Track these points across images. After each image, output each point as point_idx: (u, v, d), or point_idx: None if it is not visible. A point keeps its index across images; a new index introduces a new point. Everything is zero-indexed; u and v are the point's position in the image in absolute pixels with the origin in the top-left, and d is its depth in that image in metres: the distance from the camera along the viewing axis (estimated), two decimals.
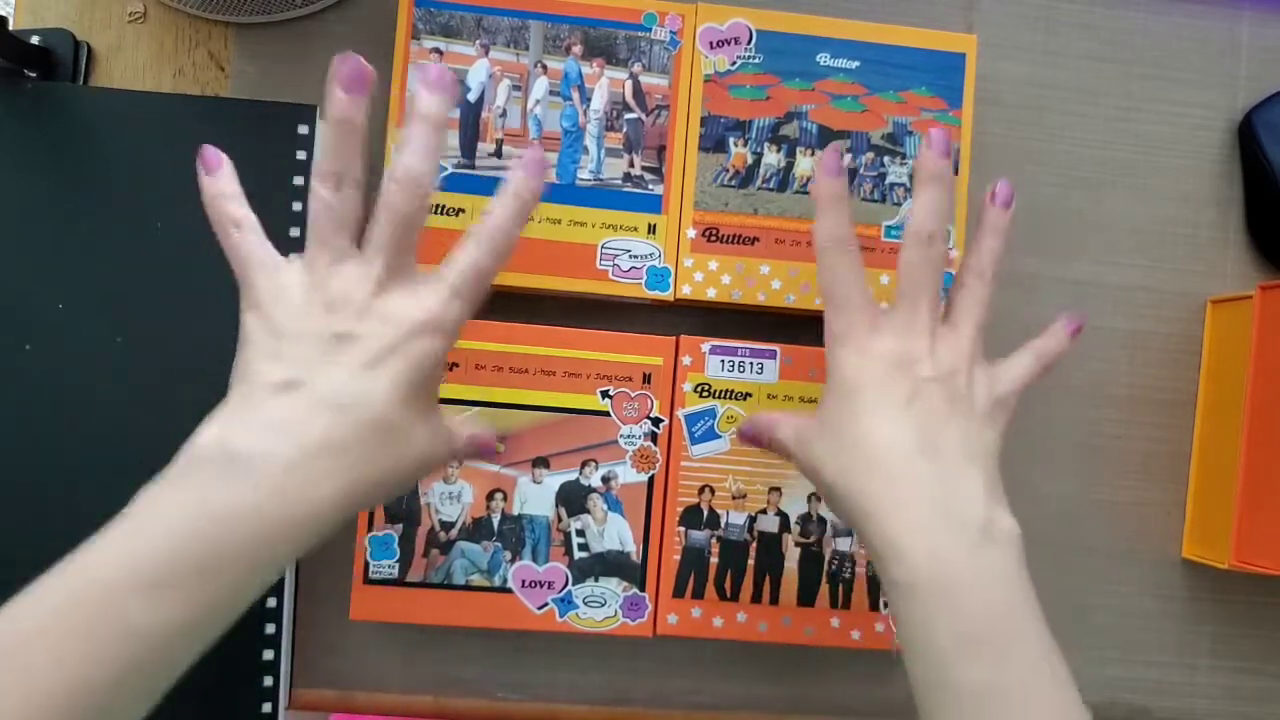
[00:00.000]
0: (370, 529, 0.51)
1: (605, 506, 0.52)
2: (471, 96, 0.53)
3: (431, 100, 0.39)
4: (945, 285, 0.44)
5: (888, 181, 0.54)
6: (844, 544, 0.53)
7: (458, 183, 0.52)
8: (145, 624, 0.32)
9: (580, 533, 0.52)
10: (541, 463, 0.51)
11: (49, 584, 0.33)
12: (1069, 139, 0.59)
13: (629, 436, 0.52)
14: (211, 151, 0.40)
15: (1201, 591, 0.58)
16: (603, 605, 0.52)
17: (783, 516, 0.52)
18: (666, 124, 0.53)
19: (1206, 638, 0.58)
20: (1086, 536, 0.58)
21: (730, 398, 0.52)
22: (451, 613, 0.51)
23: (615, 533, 0.52)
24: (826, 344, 0.43)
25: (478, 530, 0.51)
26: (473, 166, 0.52)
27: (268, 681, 0.51)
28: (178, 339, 0.51)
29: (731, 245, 0.53)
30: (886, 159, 0.54)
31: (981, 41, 0.55)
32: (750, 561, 0.52)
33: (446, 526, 0.51)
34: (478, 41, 0.53)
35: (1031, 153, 0.59)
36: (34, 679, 0.31)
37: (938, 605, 0.38)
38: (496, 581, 0.51)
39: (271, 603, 0.52)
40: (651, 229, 0.53)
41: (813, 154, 0.53)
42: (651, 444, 0.52)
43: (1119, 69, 0.59)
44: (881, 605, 0.53)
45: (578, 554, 0.52)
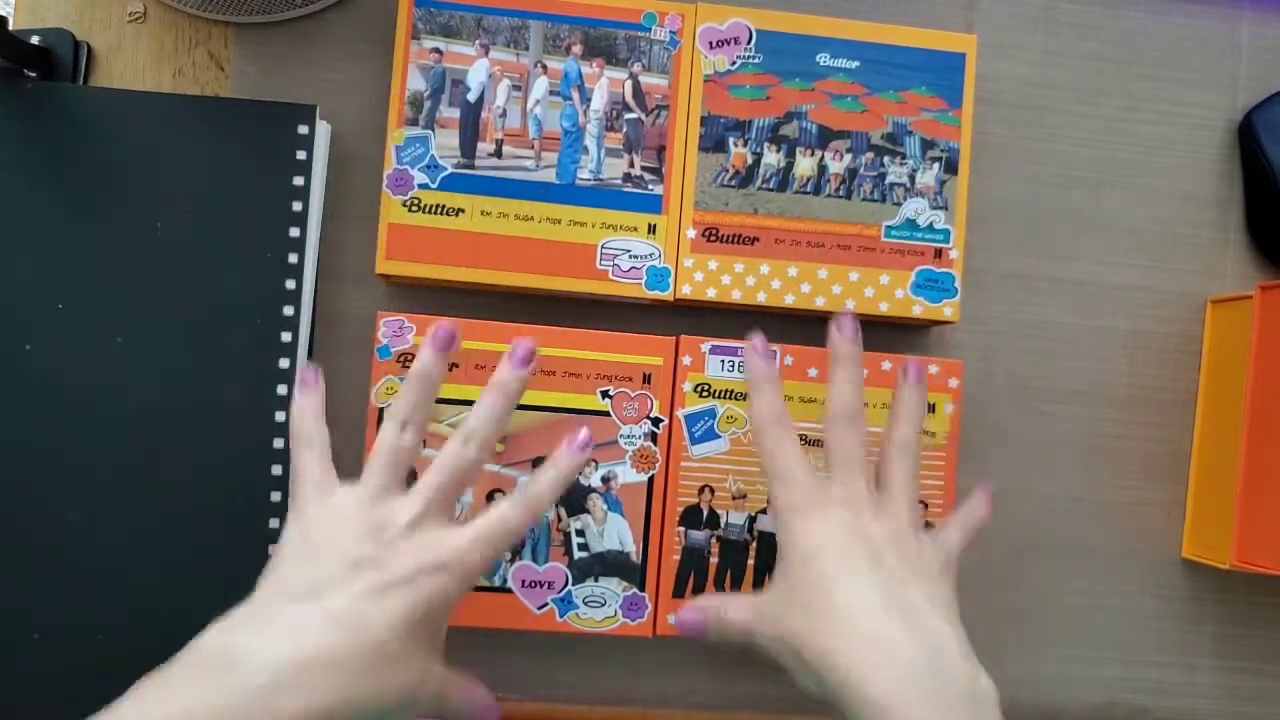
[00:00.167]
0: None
1: (605, 506, 0.52)
2: (471, 96, 0.53)
3: (505, 369, 0.44)
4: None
5: (888, 181, 0.54)
6: None
7: (457, 183, 0.52)
8: None
9: (580, 533, 0.52)
10: (541, 463, 0.51)
11: None
12: (1069, 139, 0.59)
13: (629, 436, 0.52)
14: (311, 371, 0.45)
15: (1202, 591, 0.58)
16: (603, 605, 0.52)
17: None
18: (666, 124, 0.53)
19: (1207, 638, 0.58)
20: (1086, 536, 0.58)
21: (730, 398, 0.52)
22: (451, 613, 0.51)
23: (615, 533, 0.52)
24: (774, 517, 0.45)
25: None
26: (472, 166, 0.52)
27: None
28: (178, 339, 0.51)
29: (731, 245, 0.53)
30: (886, 159, 0.54)
31: (981, 41, 0.55)
32: (750, 561, 0.52)
33: None
34: (478, 41, 0.53)
35: (1031, 153, 0.59)
36: None
37: None
38: (496, 581, 0.51)
39: None
40: (651, 229, 0.53)
41: (813, 154, 0.53)
42: (651, 444, 0.52)
43: (1119, 69, 0.59)
44: None
45: (577, 554, 0.52)
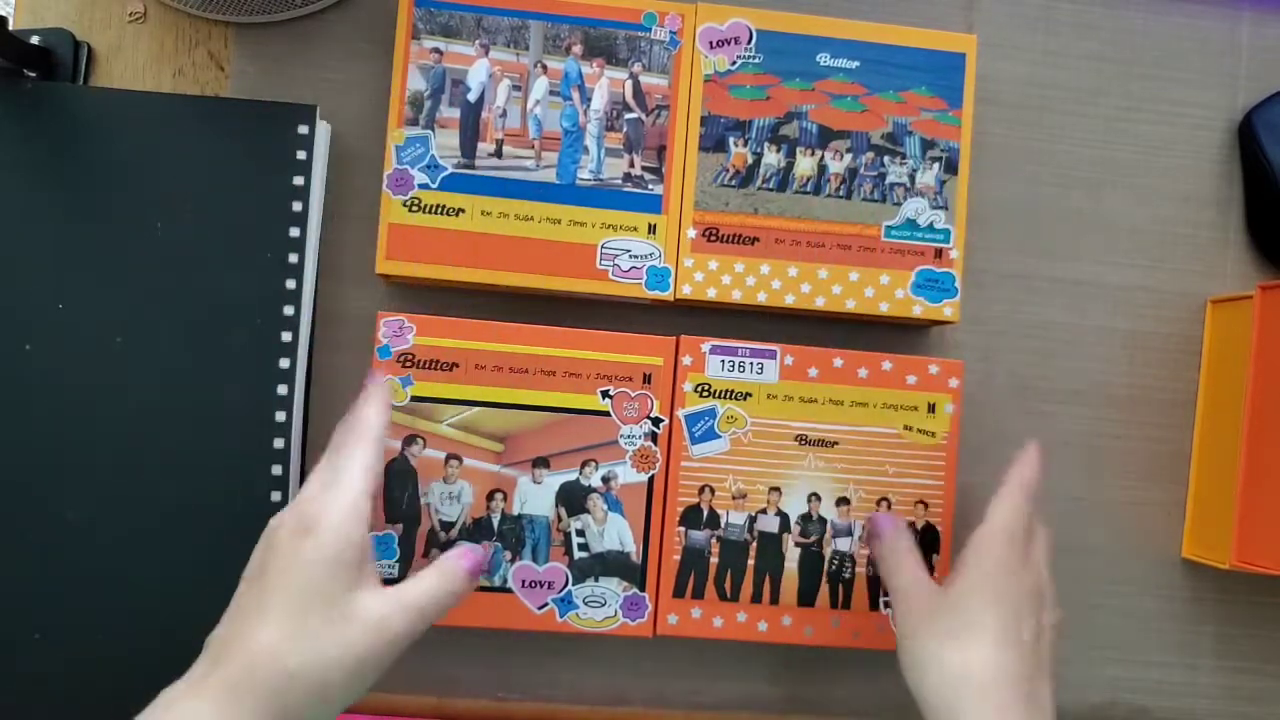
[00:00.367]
0: (371, 529, 0.51)
1: (605, 506, 0.52)
2: (471, 96, 0.53)
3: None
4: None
5: (888, 181, 0.54)
6: (844, 544, 0.53)
7: (457, 183, 0.52)
8: None
9: (580, 533, 0.52)
10: (541, 463, 0.51)
11: None
12: (1069, 139, 0.59)
13: (629, 436, 0.52)
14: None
15: (1202, 591, 0.58)
16: (603, 605, 0.52)
17: (783, 516, 0.52)
18: (666, 124, 0.53)
19: (1207, 638, 0.58)
20: (1086, 536, 0.58)
21: (730, 398, 0.52)
22: (452, 612, 0.51)
23: (615, 533, 0.52)
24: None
25: (478, 530, 0.51)
26: (473, 166, 0.52)
27: None
28: (178, 339, 0.51)
29: (731, 245, 0.53)
30: (886, 159, 0.54)
31: (981, 41, 0.55)
32: (750, 561, 0.52)
33: (446, 526, 0.51)
34: (478, 41, 0.53)
35: (1031, 153, 0.59)
36: None
37: None
38: (497, 581, 0.51)
39: None
40: (651, 229, 0.53)
41: (813, 154, 0.54)
42: (651, 444, 0.52)
43: (1119, 69, 0.59)
44: (882, 605, 0.53)
45: (578, 554, 0.52)
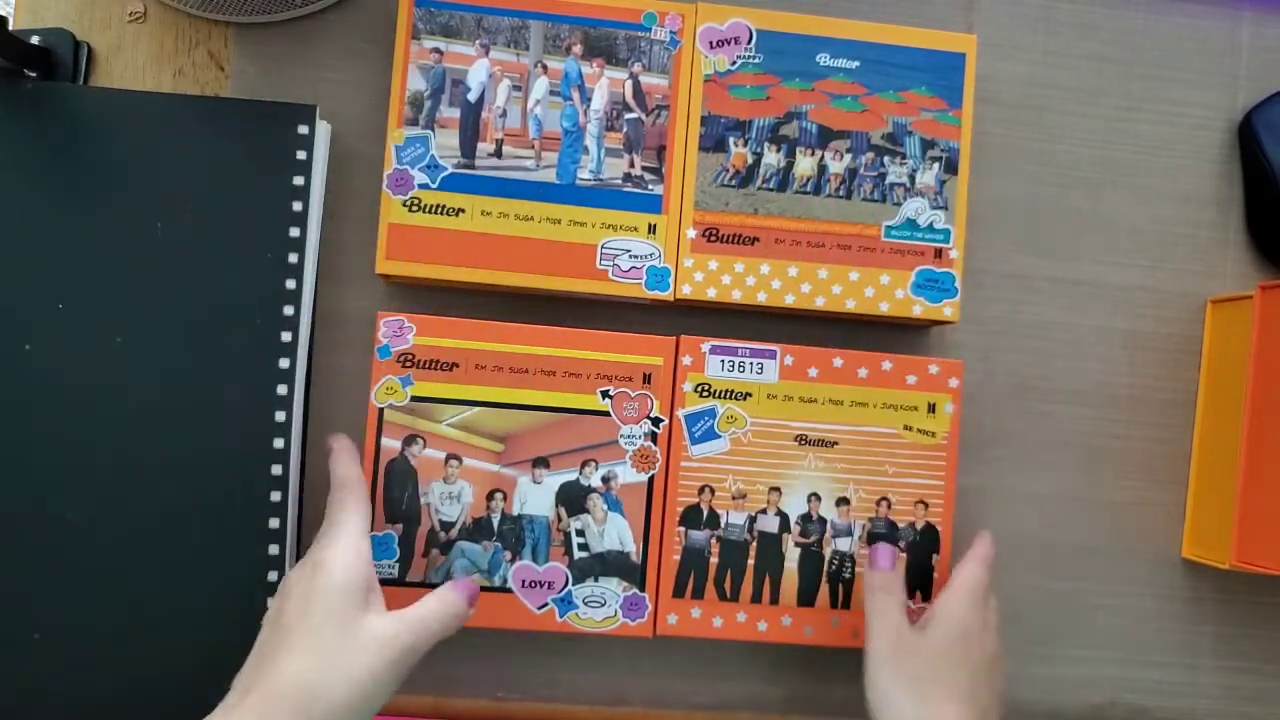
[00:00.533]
0: (370, 529, 0.51)
1: (605, 506, 0.52)
2: (471, 96, 0.53)
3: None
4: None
5: (888, 181, 0.54)
6: (844, 544, 0.53)
7: (457, 183, 0.52)
8: None
9: (580, 533, 0.52)
10: (541, 463, 0.51)
11: None
12: (1069, 139, 0.59)
13: (629, 436, 0.52)
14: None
15: (1202, 591, 0.58)
16: (603, 605, 0.52)
17: (783, 516, 0.52)
18: (666, 124, 0.53)
19: (1207, 638, 0.58)
20: (1086, 536, 0.58)
21: (730, 398, 0.52)
22: None
23: (615, 533, 0.52)
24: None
25: (478, 530, 0.51)
26: (472, 166, 0.52)
27: None
28: (178, 339, 0.51)
29: (731, 245, 0.53)
30: (886, 159, 0.54)
31: (981, 41, 0.55)
32: (750, 561, 0.52)
33: (446, 526, 0.51)
34: (478, 41, 0.53)
35: (1031, 153, 0.59)
36: None
37: None
38: (497, 581, 0.51)
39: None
40: (651, 229, 0.53)
41: (813, 154, 0.54)
42: (651, 444, 0.52)
43: (1119, 69, 0.59)
44: None
45: (578, 554, 0.52)
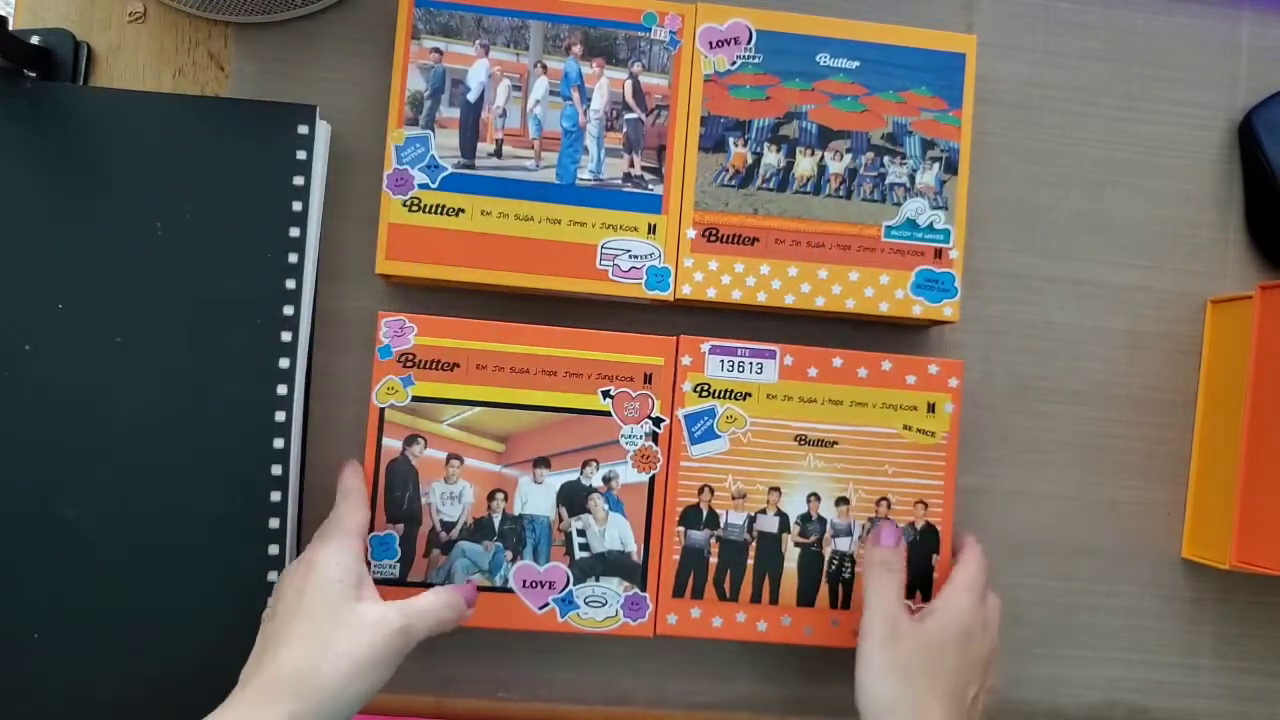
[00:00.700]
0: (372, 529, 0.51)
1: (606, 506, 0.52)
2: (471, 96, 0.53)
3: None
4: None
5: (888, 181, 0.54)
6: (844, 544, 0.53)
7: (457, 183, 0.52)
8: None
9: (581, 533, 0.52)
10: (542, 463, 0.51)
11: None
12: (1069, 139, 0.59)
13: (630, 436, 0.52)
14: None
15: (1202, 591, 0.58)
16: (604, 605, 0.52)
17: (782, 516, 0.52)
18: (666, 124, 0.53)
19: (1208, 638, 0.58)
20: (1086, 536, 0.58)
21: (730, 398, 0.52)
22: None
23: (616, 533, 0.52)
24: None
25: (479, 530, 0.51)
26: (472, 166, 0.52)
27: None
28: (178, 339, 0.51)
29: (731, 245, 0.53)
30: (886, 159, 0.54)
31: (981, 41, 0.55)
32: (750, 561, 0.52)
33: (447, 526, 0.51)
34: (478, 41, 0.53)
35: (1031, 153, 0.59)
36: None
37: None
38: (498, 581, 0.51)
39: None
40: (651, 229, 0.53)
41: (813, 154, 0.54)
42: (652, 444, 0.52)
43: (1119, 69, 0.59)
44: None
45: (579, 554, 0.52)
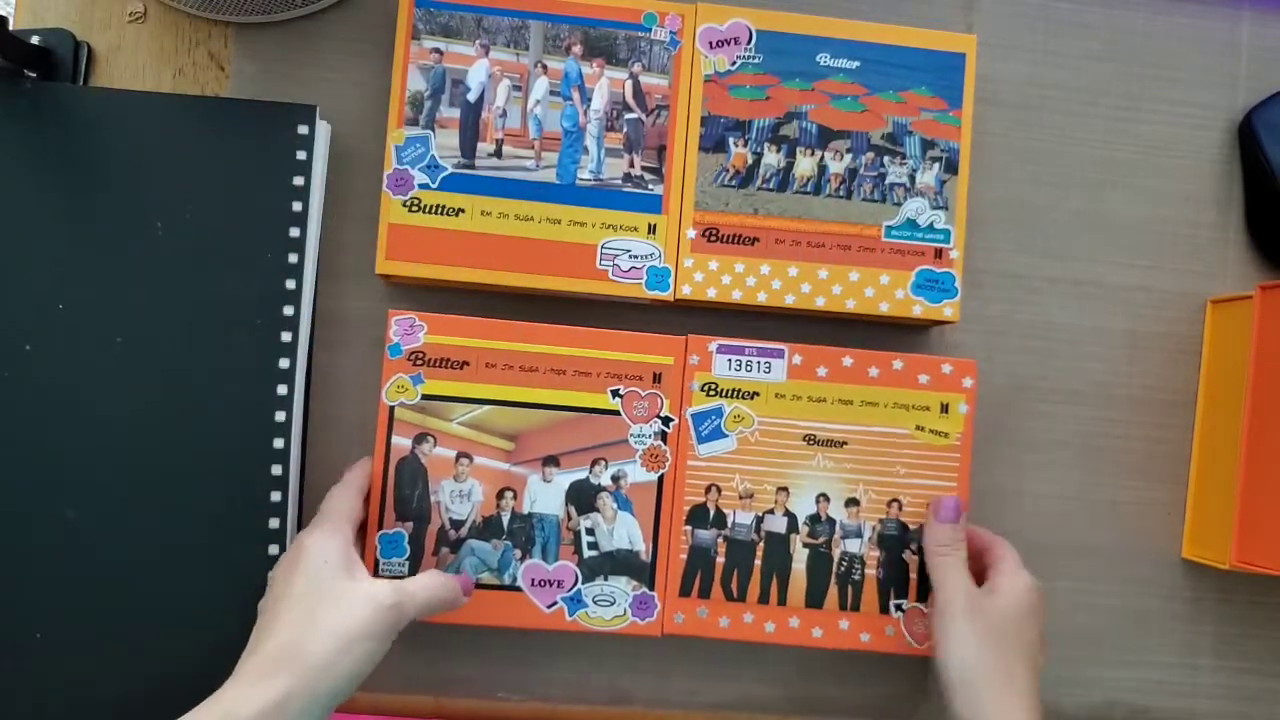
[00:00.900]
0: (381, 527, 0.51)
1: (615, 505, 0.52)
2: (471, 96, 0.52)
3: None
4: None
5: (888, 181, 0.54)
6: (853, 545, 0.52)
7: (457, 183, 0.52)
8: None
9: (590, 531, 0.51)
10: (551, 461, 0.51)
11: None
12: (1069, 139, 0.59)
13: (639, 436, 0.52)
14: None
15: (1202, 591, 0.58)
16: (612, 604, 0.51)
17: (790, 517, 0.52)
18: (666, 124, 0.53)
19: (1208, 638, 0.58)
20: (1086, 536, 0.58)
21: (737, 397, 0.52)
22: (461, 611, 0.50)
23: (625, 532, 0.51)
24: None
25: (487, 529, 0.51)
26: (472, 166, 0.52)
27: None
28: (177, 339, 0.50)
29: (731, 245, 0.53)
30: (886, 159, 0.54)
31: (981, 41, 0.55)
32: (757, 562, 0.52)
33: (456, 525, 0.51)
34: (478, 41, 0.53)
35: (1031, 153, 0.59)
36: None
37: None
38: (506, 580, 0.51)
39: None
40: (651, 229, 0.53)
41: (813, 154, 0.54)
42: (661, 443, 0.52)
43: (1119, 69, 0.59)
44: (893, 608, 0.52)
45: (587, 553, 0.51)
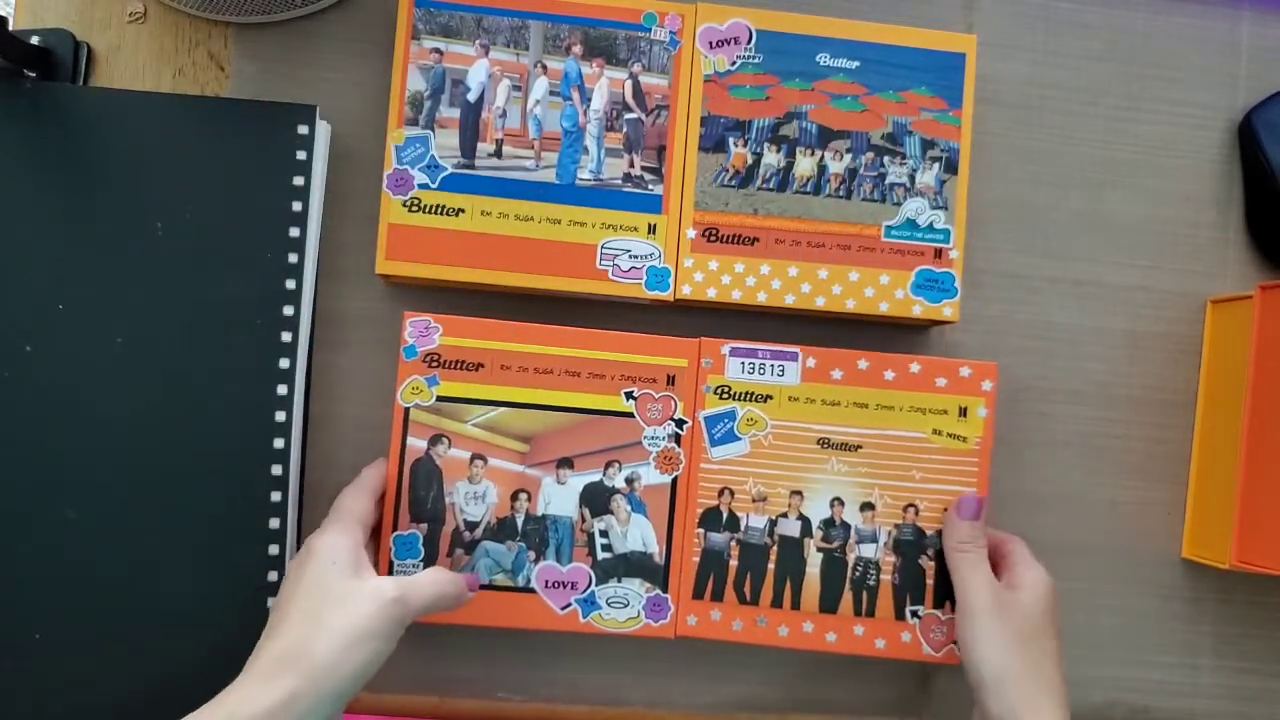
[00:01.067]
0: (395, 528, 0.51)
1: (629, 508, 0.51)
2: (471, 97, 0.52)
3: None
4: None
5: (888, 181, 0.54)
6: (869, 550, 0.52)
7: (457, 183, 0.52)
8: None
9: (604, 533, 0.51)
10: (566, 463, 0.51)
11: None
12: (1069, 139, 0.59)
13: (653, 438, 0.52)
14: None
15: (1202, 591, 0.58)
16: (626, 606, 0.51)
17: (804, 520, 0.52)
18: (666, 124, 0.53)
19: (1207, 638, 0.58)
20: (1086, 536, 0.58)
21: (750, 400, 0.52)
22: (475, 613, 0.50)
23: (638, 534, 0.51)
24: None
25: (502, 530, 0.51)
26: (472, 166, 0.52)
27: None
28: (177, 340, 0.50)
29: (731, 245, 0.53)
30: (886, 159, 0.54)
31: (981, 41, 0.55)
32: (770, 565, 0.52)
33: (471, 526, 0.51)
34: (478, 41, 0.53)
35: (1031, 153, 0.59)
36: None
37: None
38: (520, 582, 0.51)
39: None
40: (651, 229, 0.53)
41: (813, 154, 0.53)
42: (675, 445, 0.52)
43: (1119, 69, 0.59)
44: (908, 615, 0.52)
45: (601, 555, 0.51)
